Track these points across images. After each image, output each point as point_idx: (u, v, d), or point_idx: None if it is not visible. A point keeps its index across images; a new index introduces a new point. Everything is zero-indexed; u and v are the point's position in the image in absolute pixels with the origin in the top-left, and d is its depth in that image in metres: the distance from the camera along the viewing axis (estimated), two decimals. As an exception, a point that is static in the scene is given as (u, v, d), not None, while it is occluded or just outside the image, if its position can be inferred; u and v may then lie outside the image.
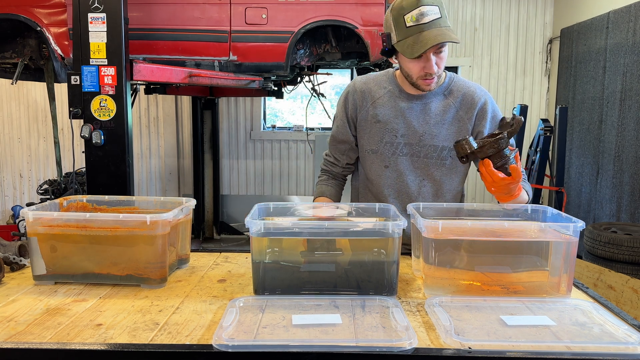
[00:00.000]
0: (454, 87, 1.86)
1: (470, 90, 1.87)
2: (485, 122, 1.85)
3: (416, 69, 1.73)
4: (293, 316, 1.23)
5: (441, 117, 1.85)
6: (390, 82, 1.89)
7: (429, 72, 1.71)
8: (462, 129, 1.85)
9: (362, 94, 1.90)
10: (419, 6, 1.63)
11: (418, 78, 1.75)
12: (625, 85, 4.83)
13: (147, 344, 1.11)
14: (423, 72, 1.72)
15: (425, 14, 1.63)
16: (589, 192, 5.48)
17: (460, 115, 1.85)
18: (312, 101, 5.63)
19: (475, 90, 1.87)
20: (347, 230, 1.43)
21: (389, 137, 1.86)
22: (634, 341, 1.11)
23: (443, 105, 1.85)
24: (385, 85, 1.89)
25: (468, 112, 1.85)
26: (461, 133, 1.84)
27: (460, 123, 1.85)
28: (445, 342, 1.12)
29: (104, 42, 3.11)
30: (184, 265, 1.67)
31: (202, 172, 6.35)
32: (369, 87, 1.91)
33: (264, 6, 4.16)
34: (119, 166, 3.18)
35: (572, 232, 1.39)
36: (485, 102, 1.86)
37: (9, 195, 6.86)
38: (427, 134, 1.84)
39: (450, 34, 1.64)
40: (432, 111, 1.84)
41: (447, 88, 1.86)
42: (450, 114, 1.85)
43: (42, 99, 6.52)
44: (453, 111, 1.85)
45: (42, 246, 1.45)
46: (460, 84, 1.88)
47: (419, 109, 1.85)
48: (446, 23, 1.66)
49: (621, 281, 3.35)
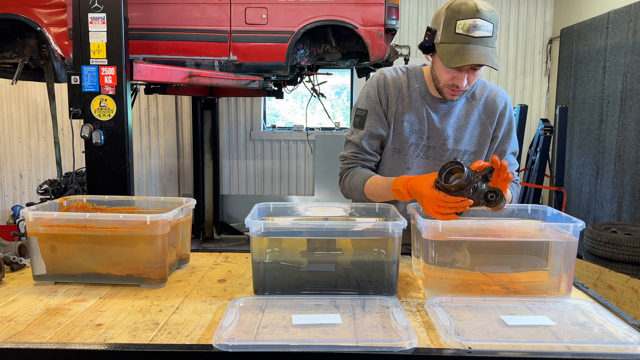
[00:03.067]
0: (476, 90, 1.85)
1: (492, 92, 1.85)
2: (501, 128, 1.85)
3: (447, 77, 1.68)
4: (293, 316, 1.22)
5: (464, 121, 1.83)
6: (417, 79, 1.83)
7: (457, 84, 1.68)
8: (484, 133, 1.84)
9: (393, 89, 1.81)
10: (475, 17, 1.56)
11: (445, 85, 1.71)
12: (626, 85, 4.83)
13: (147, 344, 1.11)
14: (452, 82, 1.68)
15: (478, 28, 1.56)
16: (589, 192, 5.47)
17: (482, 119, 1.84)
18: (312, 101, 5.63)
19: (497, 93, 1.86)
20: (347, 230, 1.43)
21: (415, 138, 1.82)
22: (634, 341, 1.11)
23: (466, 108, 1.83)
24: (413, 83, 1.83)
25: (490, 117, 1.84)
26: (483, 137, 1.83)
27: (482, 127, 1.84)
28: (445, 342, 1.12)
29: (104, 42, 3.11)
30: (184, 265, 1.67)
31: (202, 172, 6.35)
32: (399, 81, 1.83)
33: (264, 6, 4.16)
34: (119, 166, 3.17)
35: (572, 232, 1.39)
36: (505, 107, 1.85)
37: (9, 195, 6.86)
38: (451, 137, 1.82)
39: (492, 58, 1.59)
40: (456, 114, 1.82)
41: (470, 91, 1.83)
42: (474, 118, 1.83)
43: (42, 99, 6.52)
44: (476, 115, 1.83)
45: (42, 246, 1.45)
46: (482, 85, 1.86)
47: (444, 112, 1.81)
48: (493, 44, 1.61)
49: (621, 281, 3.35)
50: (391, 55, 4.43)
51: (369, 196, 1.78)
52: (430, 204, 1.42)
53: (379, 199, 1.74)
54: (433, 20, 1.68)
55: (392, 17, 4.18)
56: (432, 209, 1.42)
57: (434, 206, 1.41)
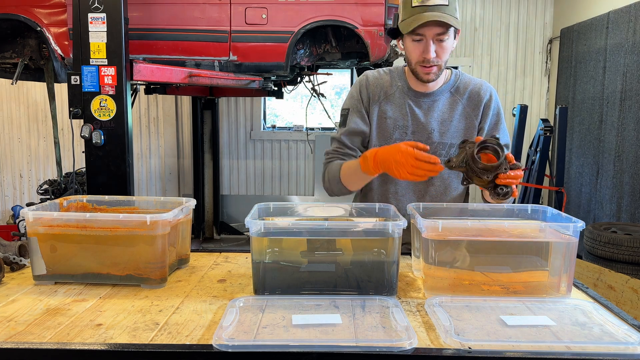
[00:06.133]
0: (460, 84, 1.88)
1: (476, 86, 1.89)
2: (487, 119, 1.87)
3: (415, 53, 1.73)
4: (293, 316, 1.22)
5: (449, 114, 1.86)
6: (400, 77, 1.89)
7: (426, 58, 1.71)
8: (470, 125, 1.86)
9: (374, 88, 1.89)
10: None
11: (417, 63, 1.75)
12: (625, 85, 4.83)
13: (147, 344, 1.11)
14: (422, 58, 1.72)
15: None
16: (589, 192, 5.48)
17: (467, 112, 1.87)
18: (312, 101, 5.63)
19: (481, 86, 1.89)
20: (347, 230, 1.43)
21: (398, 134, 1.86)
22: (634, 341, 1.11)
23: (450, 102, 1.87)
24: (396, 81, 1.89)
25: (475, 109, 1.87)
26: (469, 130, 1.86)
27: (467, 120, 1.87)
28: (445, 342, 1.12)
29: (104, 42, 3.11)
30: (184, 265, 1.67)
31: (202, 172, 6.35)
32: (381, 81, 1.90)
33: (264, 6, 4.16)
34: (119, 166, 3.17)
35: (572, 232, 1.39)
36: (490, 98, 1.88)
37: (9, 195, 6.86)
38: (436, 131, 1.85)
39: (450, 18, 1.64)
40: (439, 108, 1.86)
41: (453, 85, 1.88)
42: (458, 111, 1.86)
43: (42, 99, 6.52)
44: (460, 108, 1.87)
45: (42, 246, 1.45)
46: (466, 80, 1.90)
47: (427, 106, 1.86)
48: (452, 12, 1.67)
49: (621, 281, 3.35)
50: (391, 55, 4.43)
51: (344, 181, 1.82)
52: (405, 158, 1.48)
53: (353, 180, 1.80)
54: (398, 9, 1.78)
55: (392, 17, 4.18)
56: (406, 166, 1.49)
57: (408, 163, 1.48)
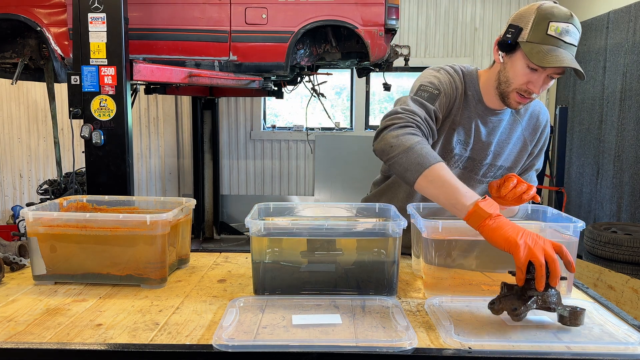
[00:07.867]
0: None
1: (536, 109, 1.78)
2: (539, 145, 1.79)
3: (522, 80, 1.55)
4: (293, 316, 1.22)
5: (507, 136, 1.74)
6: (473, 85, 1.70)
7: (530, 90, 1.55)
8: (524, 149, 1.77)
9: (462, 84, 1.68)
10: (569, 22, 1.49)
11: (515, 90, 1.57)
12: (625, 85, 4.83)
13: (147, 344, 1.11)
14: (525, 87, 1.55)
15: (570, 34, 1.49)
16: (589, 192, 5.47)
17: (525, 135, 1.77)
18: (312, 101, 5.63)
19: (540, 110, 1.79)
20: (347, 230, 1.43)
21: (459, 149, 1.72)
22: (634, 341, 1.11)
23: (511, 122, 1.74)
24: (469, 90, 1.69)
25: (533, 134, 1.77)
26: (522, 154, 1.77)
27: (523, 144, 1.77)
28: (445, 342, 1.12)
29: (104, 42, 3.11)
30: (184, 265, 1.67)
31: (202, 172, 6.35)
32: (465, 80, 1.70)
33: (264, 6, 4.16)
34: (119, 166, 3.17)
35: (572, 232, 1.39)
36: (547, 124, 1.79)
37: (9, 195, 6.85)
38: (492, 153, 1.74)
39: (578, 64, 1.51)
40: (501, 129, 1.73)
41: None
42: (516, 134, 1.76)
43: (42, 99, 6.52)
44: (519, 131, 1.76)
45: (42, 246, 1.45)
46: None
47: (492, 125, 1.71)
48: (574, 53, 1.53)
49: (621, 281, 3.35)
50: (391, 55, 4.44)
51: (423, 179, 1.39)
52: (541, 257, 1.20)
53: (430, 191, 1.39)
54: (517, 19, 1.56)
55: (392, 17, 4.18)
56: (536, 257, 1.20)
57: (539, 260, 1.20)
